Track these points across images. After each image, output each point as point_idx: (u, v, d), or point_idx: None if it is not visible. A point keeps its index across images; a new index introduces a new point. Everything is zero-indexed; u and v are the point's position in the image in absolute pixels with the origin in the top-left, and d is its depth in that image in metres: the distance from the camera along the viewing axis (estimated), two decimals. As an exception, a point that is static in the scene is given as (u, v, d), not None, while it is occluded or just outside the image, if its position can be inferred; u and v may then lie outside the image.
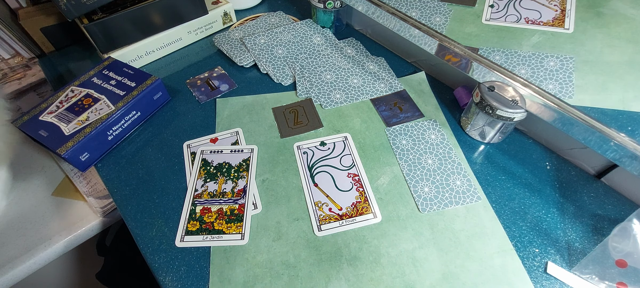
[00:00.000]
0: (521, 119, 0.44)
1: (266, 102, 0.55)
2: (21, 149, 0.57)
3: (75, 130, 0.46)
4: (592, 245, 0.39)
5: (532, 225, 0.41)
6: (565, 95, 0.41)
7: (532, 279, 0.37)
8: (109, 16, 0.55)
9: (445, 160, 0.47)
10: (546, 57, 0.43)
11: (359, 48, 0.63)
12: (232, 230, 0.41)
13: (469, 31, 0.48)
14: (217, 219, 0.42)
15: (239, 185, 0.45)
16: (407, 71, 0.60)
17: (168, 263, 0.39)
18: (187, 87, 0.58)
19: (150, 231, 0.42)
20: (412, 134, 0.50)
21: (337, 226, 0.41)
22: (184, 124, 0.53)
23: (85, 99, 0.50)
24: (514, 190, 0.44)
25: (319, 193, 0.44)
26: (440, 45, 0.49)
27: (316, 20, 0.67)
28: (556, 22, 0.43)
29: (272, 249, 0.40)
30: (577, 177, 0.46)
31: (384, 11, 0.54)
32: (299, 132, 0.51)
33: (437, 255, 0.39)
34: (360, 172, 0.46)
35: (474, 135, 0.50)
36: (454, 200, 0.43)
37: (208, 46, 0.66)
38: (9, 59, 0.74)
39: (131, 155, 0.49)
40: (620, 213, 0.42)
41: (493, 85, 0.45)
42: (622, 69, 0.39)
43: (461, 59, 0.48)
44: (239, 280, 0.37)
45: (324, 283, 0.37)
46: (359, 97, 0.55)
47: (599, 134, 0.37)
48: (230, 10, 0.68)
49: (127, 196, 0.45)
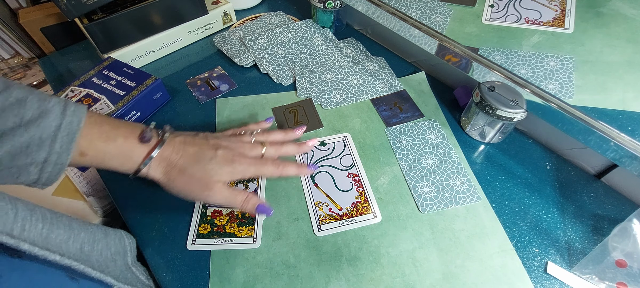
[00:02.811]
0: (521, 118, 0.44)
1: (266, 102, 0.55)
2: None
3: (75, 130, 0.46)
4: (592, 245, 0.39)
5: (532, 225, 0.41)
6: (565, 95, 0.41)
7: (532, 279, 0.37)
8: (109, 16, 0.55)
9: (445, 160, 0.47)
10: (546, 57, 0.43)
11: (359, 48, 0.63)
12: (244, 233, 0.41)
13: (469, 31, 0.48)
14: (229, 222, 0.42)
15: (250, 188, 0.45)
16: (407, 71, 0.60)
17: (168, 263, 0.39)
18: (187, 87, 0.58)
19: (151, 231, 0.42)
20: (412, 133, 0.50)
21: (337, 226, 0.41)
22: (184, 124, 0.53)
23: (85, 99, 0.50)
24: (514, 190, 0.44)
25: (319, 193, 0.44)
26: (440, 45, 0.49)
27: (316, 20, 0.67)
28: (556, 22, 0.43)
29: (272, 249, 0.40)
30: (577, 177, 0.46)
31: (384, 11, 0.54)
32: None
33: (437, 255, 0.39)
34: (360, 172, 0.46)
35: (474, 135, 0.50)
36: (454, 200, 0.43)
37: (208, 46, 0.66)
38: (9, 59, 0.74)
39: (131, 155, 0.49)
40: (620, 213, 0.42)
41: (493, 85, 0.45)
42: (622, 69, 0.39)
43: (461, 59, 0.48)
44: (239, 280, 0.37)
45: (324, 283, 0.37)
46: (359, 97, 0.55)
47: (599, 134, 0.37)
48: (230, 10, 0.68)
49: (127, 196, 0.45)
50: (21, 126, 0.28)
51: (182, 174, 0.36)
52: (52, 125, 0.29)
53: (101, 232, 0.35)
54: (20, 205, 0.28)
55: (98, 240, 0.34)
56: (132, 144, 0.34)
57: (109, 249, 0.35)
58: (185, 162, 0.36)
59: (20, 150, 0.28)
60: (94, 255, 0.33)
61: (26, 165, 0.29)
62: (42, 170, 0.30)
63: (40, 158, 0.29)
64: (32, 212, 0.29)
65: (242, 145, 0.39)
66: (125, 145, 0.34)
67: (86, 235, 0.33)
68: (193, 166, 0.36)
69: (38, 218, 0.29)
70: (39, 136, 0.29)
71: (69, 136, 0.30)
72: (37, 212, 0.29)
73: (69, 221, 0.32)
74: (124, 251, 0.37)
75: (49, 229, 0.29)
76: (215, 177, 0.36)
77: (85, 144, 0.32)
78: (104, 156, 0.33)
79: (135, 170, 0.35)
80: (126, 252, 0.37)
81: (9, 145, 0.28)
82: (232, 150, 0.38)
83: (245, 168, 0.37)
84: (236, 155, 0.38)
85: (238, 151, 0.38)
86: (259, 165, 0.38)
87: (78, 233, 0.32)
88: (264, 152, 0.40)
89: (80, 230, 0.33)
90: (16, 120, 0.28)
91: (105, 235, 0.36)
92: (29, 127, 0.28)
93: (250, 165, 0.38)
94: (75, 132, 0.31)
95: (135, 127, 0.35)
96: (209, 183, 0.36)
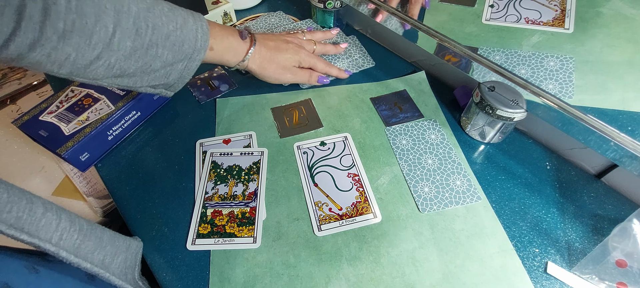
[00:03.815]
0: (521, 118, 0.44)
1: (266, 102, 0.55)
2: (21, 149, 0.57)
3: (75, 130, 0.46)
4: (592, 245, 0.39)
5: (532, 225, 0.41)
6: (565, 95, 0.41)
7: (532, 279, 0.37)
8: (109, 16, 0.55)
9: (445, 160, 0.47)
10: (546, 57, 0.43)
11: (355, 43, 0.63)
12: (244, 233, 0.41)
13: (468, 31, 0.48)
14: (229, 222, 0.42)
15: (250, 188, 0.45)
16: (407, 71, 0.60)
17: (168, 263, 0.39)
18: (187, 87, 0.58)
19: (151, 231, 0.42)
20: (412, 133, 0.50)
21: (337, 226, 0.41)
22: (184, 123, 0.53)
23: (85, 98, 0.50)
24: (514, 190, 0.44)
25: (319, 193, 0.44)
26: (440, 45, 0.49)
27: (316, 20, 0.67)
28: (556, 22, 0.43)
29: (272, 249, 0.40)
30: (577, 177, 0.46)
31: (384, 11, 0.54)
32: (299, 132, 0.51)
33: (437, 255, 0.39)
34: (360, 172, 0.46)
35: (474, 135, 0.50)
36: (454, 200, 0.43)
37: (208, 46, 0.66)
38: (9, 59, 0.74)
39: (131, 155, 0.49)
40: (620, 213, 0.42)
41: (493, 85, 0.45)
42: (622, 69, 0.39)
43: (461, 59, 0.48)
44: (239, 280, 0.37)
45: (324, 283, 0.37)
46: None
47: (599, 134, 0.37)
48: (230, 10, 0.68)
49: (127, 196, 0.45)
50: (178, 29, 0.37)
51: (271, 63, 0.50)
52: (193, 28, 0.38)
53: (125, 243, 0.38)
54: (64, 216, 0.32)
55: (120, 252, 0.37)
56: (238, 41, 0.46)
57: (125, 262, 0.37)
58: (272, 54, 0.50)
59: (179, 48, 0.38)
60: (112, 268, 0.36)
61: (178, 61, 0.39)
62: (186, 67, 0.40)
63: (188, 54, 0.39)
64: (72, 222, 0.33)
65: (300, 41, 0.54)
66: (234, 42, 0.45)
67: (111, 249, 0.36)
68: (277, 55, 0.50)
69: (76, 229, 0.33)
70: (188, 36, 0.38)
71: (204, 35, 0.40)
72: (76, 223, 0.33)
73: (102, 233, 0.36)
74: (134, 264, 0.39)
75: (82, 240, 0.33)
76: (290, 62, 0.51)
77: (212, 41, 0.42)
78: (222, 50, 0.44)
79: (240, 62, 0.47)
80: (136, 264, 0.39)
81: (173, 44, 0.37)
82: (295, 44, 0.52)
83: (305, 58, 0.52)
84: (298, 48, 0.52)
85: (299, 44, 0.53)
86: (314, 58, 0.53)
87: (105, 246, 0.35)
88: (315, 48, 0.55)
89: (108, 243, 0.36)
90: (175, 24, 0.37)
91: (127, 248, 0.38)
92: (182, 29, 0.37)
93: (309, 56, 0.53)
94: (207, 32, 0.40)
95: (231, 29, 0.46)
96: (286, 67, 0.51)
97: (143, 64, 0.36)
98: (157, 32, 0.35)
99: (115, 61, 0.34)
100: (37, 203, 0.30)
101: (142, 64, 0.36)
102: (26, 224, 0.29)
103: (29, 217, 0.29)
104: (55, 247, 0.30)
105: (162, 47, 0.36)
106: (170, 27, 0.36)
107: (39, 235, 0.30)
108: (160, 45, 0.36)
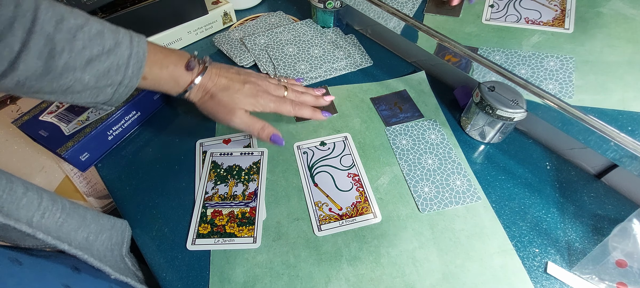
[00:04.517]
0: (521, 118, 0.44)
1: (266, 102, 0.55)
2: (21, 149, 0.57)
3: (75, 130, 0.46)
4: (592, 245, 0.39)
5: (532, 225, 0.41)
6: (565, 95, 0.41)
7: (532, 279, 0.37)
8: (109, 16, 0.55)
9: (445, 160, 0.47)
10: (546, 57, 0.43)
11: (354, 42, 0.63)
12: (244, 233, 0.41)
13: (468, 31, 0.48)
14: (229, 222, 0.42)
15: (250, 188, 0.45)
16: (407, 71, 0.60)
17: (168, 263, 0.39)
18: (187, 87, 0.58)
19: (151, 231, 0.42)
20: (412, 133, 0.50)
21: (337, 226, 0.41)
22: (184, 123, 0.53)
23: (85, 99, 0.50)
24: (514, 190, 0.44)
25: (319, 193, 0.44)
26: (440, 45, 0.49)
27: (316, 20, 0.67)
28: (556, 22, 0.43)
29: (272, 249, 0.40)
30: (577, 177, 0.46)
31: (384, 11, 0.54)
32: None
33: (437, 255, 0.39)
34: (360, 172, 0.46)
35: (474, 135, 0.50)
36: (454, 200, 0.43)
37: (208, 46, 0.66)
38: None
39: (131, 155, 0.49)
40: (620, 213, 0.42)
41: (493, 85, 0.45)
42: (622, 69, 0.39)
43: (461, 59, 0.48)
44: (239, 280, 0.37)
45: (324, 283, 0.37)
46: (321, 65, 0.59)
47: (599, 134, 0.37)
48: (230, 10, 0.68)
49: (127, 196, 0.45)
50: (103, 54, 0.34)
51: (212, 99, 0.42)
52: (125, 54, 0.35)
53: (109, 222, 0.39)
54: (46, 196, 0.32)
55: (104, 230, 0.38)
56: (180, 71, 0.40)
57: (110, 240, 0.38)
58: (216, 90, 0.42)
59: (103, 73, 0.34)
60: (95, 245, 0.36)
61: (105, 86, 0.35)
62: (116, 91, 0.36)
63: (116, 81, 0.35)
64: (54, 202, 0.33)
65: (268, 84, 0.46)
66: (175, 72, 0.40)
67: (95, 227, 0.37)
68: (222, 93, 0.42)
69: (58, 208, 0.33)
70: (116, 63, 0.35)
71: (137, 63, 0.36)
72: (58, 202, 0.34)
73: (85, 212, 0.36)
74: (122, 241, 0.40)
75: (64, 219, 0.33)
76: (239, 104, 0.42)
77: (147, 70, 0.37)
78: (159, 80, 0.39)
79: (180, 93, 0.41)
80: (123, 242, 0.40)
81: (95, 69, 0.33)
82: (258, 86, 0.44)
83: (266, 103, 0.44)
84: (261, 91, 0.44)
85: (263, 88, 0.44)
86: (279, 102, 0.45)
87: (88, 224, 0.36)
88: (286, 94, 0.46)
89: (91, 221, 0.37)
90: (100, 49, 0.33)
91: (112, 226, 0.39)
92: (109, 54, 0.34)
93: (272, 101, 0.44)
94: (142, 60, 0.37)
95: (182, 56, 0.41)
96: (232, 109, 0.42)
97: (60, 85, 0.33)
98: (74, 55, 0.32)
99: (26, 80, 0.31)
100: (17, 183, 0.30)
101: (59, 86, 0.33)
102: (6, 203, 0.29)
103: (9, 196, 0.29)
104: (33, 228, 0.30)
105: (80, 71, 0.33)
106: (93, 52, 0.33)
107: (18, 215, 0.29)
108: (79, 69, 0.33)
